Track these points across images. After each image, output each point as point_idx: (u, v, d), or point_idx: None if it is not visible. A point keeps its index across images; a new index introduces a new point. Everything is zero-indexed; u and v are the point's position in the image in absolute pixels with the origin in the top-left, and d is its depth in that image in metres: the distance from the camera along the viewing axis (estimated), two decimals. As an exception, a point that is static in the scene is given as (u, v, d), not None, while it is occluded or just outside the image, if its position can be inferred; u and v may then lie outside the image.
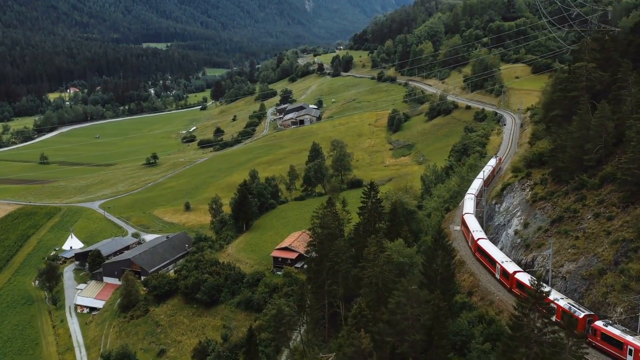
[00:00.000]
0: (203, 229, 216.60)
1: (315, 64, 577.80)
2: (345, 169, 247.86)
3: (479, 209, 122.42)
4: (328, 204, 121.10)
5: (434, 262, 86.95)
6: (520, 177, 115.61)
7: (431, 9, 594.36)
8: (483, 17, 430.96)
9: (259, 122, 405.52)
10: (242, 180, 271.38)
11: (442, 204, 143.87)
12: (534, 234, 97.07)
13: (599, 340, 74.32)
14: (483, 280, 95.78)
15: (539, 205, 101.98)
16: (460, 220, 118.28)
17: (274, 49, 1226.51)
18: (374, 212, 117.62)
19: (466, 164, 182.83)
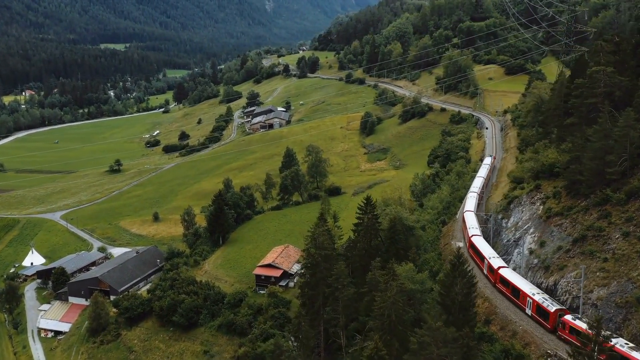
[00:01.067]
0: (175, 242, 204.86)
1: (281, 65, 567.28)
2: (322, 175, 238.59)
3: (480, 211, 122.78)
4: (320, 220, 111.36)
5: (452, 290, 78.08)
6: (528, 189, 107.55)
7: (396, 9, 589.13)
8: (452, 17, 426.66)
9: (226, 125, 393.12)
10: (213, 188, 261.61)
11: (436, 215, 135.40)
12: (553, 254, 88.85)
13: (567, 334, 76.50)
14: (501, 307, 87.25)
15: (555, 222, 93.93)
16: (461, 217, 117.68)
17: (235, 49, 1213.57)
18: (370, 229, 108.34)
19: (453, 171, 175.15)
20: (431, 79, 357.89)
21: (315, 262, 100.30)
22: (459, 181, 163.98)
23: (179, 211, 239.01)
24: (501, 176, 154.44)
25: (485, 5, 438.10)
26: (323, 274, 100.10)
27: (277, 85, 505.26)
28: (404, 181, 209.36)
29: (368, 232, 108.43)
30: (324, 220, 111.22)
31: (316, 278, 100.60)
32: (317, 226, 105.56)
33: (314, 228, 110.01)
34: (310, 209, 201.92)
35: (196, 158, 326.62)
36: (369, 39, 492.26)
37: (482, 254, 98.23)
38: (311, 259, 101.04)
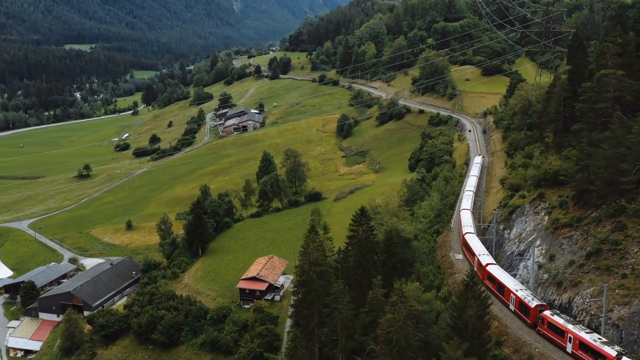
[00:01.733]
0: (150, 252, 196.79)
1: (252, 66, 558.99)
2: (300, 179, 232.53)
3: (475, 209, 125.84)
4: (311, 233, 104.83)
5: (465, 312, 72.40)
6: (530, 198, 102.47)
7: (368, 9, 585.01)
8: (425, 18, 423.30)
9: (198, 128, 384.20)
10: (187, 193, 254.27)
11: (429, 224, 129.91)
12: (565, 269, 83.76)
13: (545, 329, 77.63)
14: (513, 327, 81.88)
15: (564, 234, 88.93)
16: (457, 215, 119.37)
17: (203, 50, 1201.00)
18: (365, 242, 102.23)
19: (441, 176, 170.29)
20: (407, 80, 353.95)
21: (309, 279, 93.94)
22: (447, 187, 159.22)
23: (153, 218, 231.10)
24: (491, 181, 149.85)
25: (458, 5, 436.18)
26: (318, 292, 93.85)
27: (249, 87, 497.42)
28: (385, 186, 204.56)
29: (363, 245, 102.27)
30: (315, 233, 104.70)
31: (311, 296, 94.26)
32: (309, 239, 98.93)
33: (305, 241, 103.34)
34: (291, 216, 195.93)
35: (169, 162, 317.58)
36: (342, 39, 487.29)
37: (473, 251, 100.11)
38: (305, 276, 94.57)
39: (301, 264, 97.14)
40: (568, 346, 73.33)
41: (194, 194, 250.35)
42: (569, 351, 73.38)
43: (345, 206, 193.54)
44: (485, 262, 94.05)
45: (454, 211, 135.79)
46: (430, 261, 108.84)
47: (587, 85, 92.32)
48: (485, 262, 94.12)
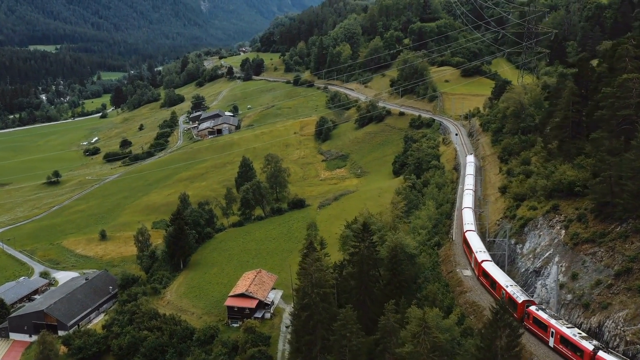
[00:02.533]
0: (127, 264, 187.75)
1: (224, 67, 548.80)
2: (282, 185, 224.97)
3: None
4: (309, 250, 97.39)
5: (494, 344, 65.72)
6: (543, 210, 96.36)
7: (340, 9, 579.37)
8: (401, 18, 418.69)
9: (171, 131, 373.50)
10: (163, 200, 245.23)
11: (427, 236, 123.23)
12: (591, 289, 77.65)
13: (531, 323, 79.34)
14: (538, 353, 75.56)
15: (585, 250, 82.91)
16: (459, 213, 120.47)
17: (171, 51, 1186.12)
18: (368, 260, 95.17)
19: (432, 183, 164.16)
20: (384, 81, 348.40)
21: (312, 303, 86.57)
22: (440, 194, 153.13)
23: (128, 228, 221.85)
24: (487, 188, 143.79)
25: (433, 6, 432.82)
26: (321, 316, 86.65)
27: (222, 89, 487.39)
28: (370, 192, 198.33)
29: (365, 262, 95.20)
30: (313, 249, 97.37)
31: (314, 321, 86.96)
32: (310, 259, 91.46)
33: (303, 259, 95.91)
34: (275, 225, 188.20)
35: (142, 167, 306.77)
36: (315, 40, 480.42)
37: (471, 247, 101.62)
38: (307, 299, 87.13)
39: (302, 286, 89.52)
40: (550, 340, 75.19)
41: (171, 201, 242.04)
42: (551, 345, 75.06)
43: (331, 214, 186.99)
44: (481, 259, 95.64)
45: (452, 221, 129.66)
46: (436, 278, 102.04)
47: (607, 90, 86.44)
48: (480, 259, 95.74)
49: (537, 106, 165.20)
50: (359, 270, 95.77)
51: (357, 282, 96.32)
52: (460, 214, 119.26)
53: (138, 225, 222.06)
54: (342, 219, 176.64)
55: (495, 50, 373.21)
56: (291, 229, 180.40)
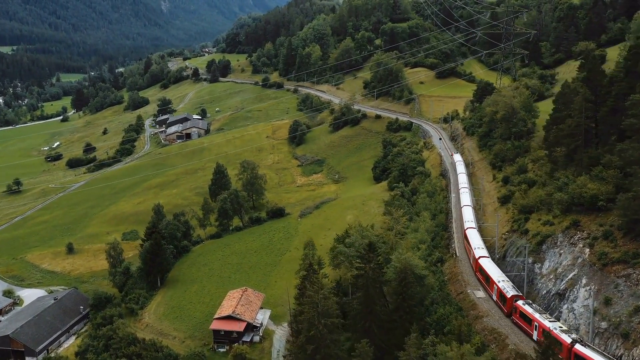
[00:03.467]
0: (97, 280, 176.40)
1: (190, 69, 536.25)
2: (258, 193, 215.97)
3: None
4: (308, 272, 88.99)
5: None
6: (562, 226, 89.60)
7: (307, 10, 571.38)
8: (370, 18, 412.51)
9: (138, 136, 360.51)
10: (132, 209, 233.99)
11: (428, 250, 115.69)
12: (630, 317, 70.90)
13: (518, 317, 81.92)
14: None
15: (617, 271, 76.30)
16: (459, 211, 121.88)
17: (132, 52, 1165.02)
18: (375, 283, 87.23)
19: (422, 191, 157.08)
20: (357, 83, 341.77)
21: (320, 335, 78.28)
22: (431, 203, 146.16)
23: (96, 239, 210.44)
24: (482, 197, 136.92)
25: (403, 6, 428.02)
26: (329, 350, 78.41)
27: (188, 91, 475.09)
28: (352, 200, 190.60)
29: (372, 285, 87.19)
30: (313, 272, 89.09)
31: (321, 354, 78.67)
32: (315, 285, 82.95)
33: (301, 282, 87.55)
34: (255, 236, 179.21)
35: (108, 174, 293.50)
36: (283, 40, 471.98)
37: (471, 244, 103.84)
38: (314, 331, 78.78)
39: (308, 317, 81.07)
40: (534, 334, 77.72)
41: (140, 210, 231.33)
42: (534, 338, 77.29)
43: (314, 223, 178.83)
44: (479, 255, 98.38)
45: (451, 233, 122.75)
46: (445, 299, 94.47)
47: (636, 97, 79.99)
48: (478, 255, 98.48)
49: (526, 110, 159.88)
50: (364, 294, 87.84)
51: (363, 307, 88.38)
52: (460, 212, 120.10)
53: (107, 237, 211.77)
54: (326, 229, 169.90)
55: (466, 51, 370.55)
56: (272, 240, 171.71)
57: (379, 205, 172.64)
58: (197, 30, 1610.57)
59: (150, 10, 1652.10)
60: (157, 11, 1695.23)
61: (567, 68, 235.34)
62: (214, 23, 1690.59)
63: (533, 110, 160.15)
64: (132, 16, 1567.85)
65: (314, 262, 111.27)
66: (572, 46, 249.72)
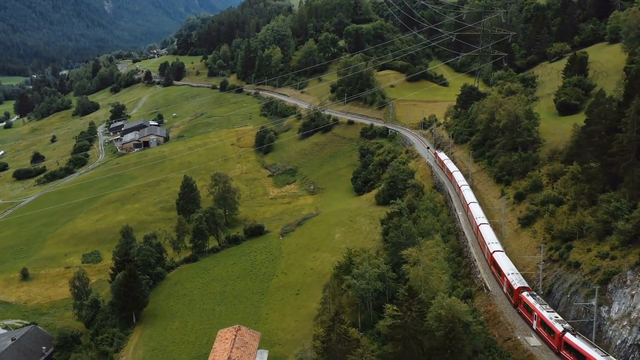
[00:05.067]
0: (58, 311, 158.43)
1: (141, 72, 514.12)
2: (232, 208, 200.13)
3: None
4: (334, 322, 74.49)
5: None
6: (632, 262, 77.33)
7: (261, 10, 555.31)
8: (332, 19, 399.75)
9: (90, 144, 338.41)
10: (92, 227, 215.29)
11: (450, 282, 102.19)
12: None
13: (522, 308, 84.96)
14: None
15: None
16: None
17: (75, 53, 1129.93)
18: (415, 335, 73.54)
19: (422, 207, 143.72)
20: (322, 86, 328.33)
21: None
22: (436, 222, 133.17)
23: (53, 263, 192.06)
24: (493, 216, 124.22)
25: (364, 7, 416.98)
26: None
27: (140, 95, 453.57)
28: (336, 215, 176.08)
29: (413, 338, 73.44)
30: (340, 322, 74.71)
31: None
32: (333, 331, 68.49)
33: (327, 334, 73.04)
34: (234, 258, 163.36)
35: (62, 187, 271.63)
36: (240, 42, 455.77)
37: (484, 239, 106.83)
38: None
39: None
40: (534, 323, 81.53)
41: (101, 228, 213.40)
42: (534, 328, 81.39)
43: (298, 243, 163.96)
44: (493, 250, 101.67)
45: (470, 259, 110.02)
46: (491, 348, 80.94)
47: None
48: (492, 250, 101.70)
49: (528, 117, 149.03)
50: (403, 348, 73.90)
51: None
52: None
53: (66, 260, 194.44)
54: (314, 250, 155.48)
55: (430, 52, 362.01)
56: (255, 264, 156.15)
57: (370, 222, 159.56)
58: (142, 31, 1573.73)
59: (93, 11, 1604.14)
60: (100, 11, 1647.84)
61: (543, 70, 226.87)
62: (159, 24, 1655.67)
63: (533, 118, 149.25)
64: (74, 17, 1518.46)
65: (336, 306, 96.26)
66: (545, 47, 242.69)
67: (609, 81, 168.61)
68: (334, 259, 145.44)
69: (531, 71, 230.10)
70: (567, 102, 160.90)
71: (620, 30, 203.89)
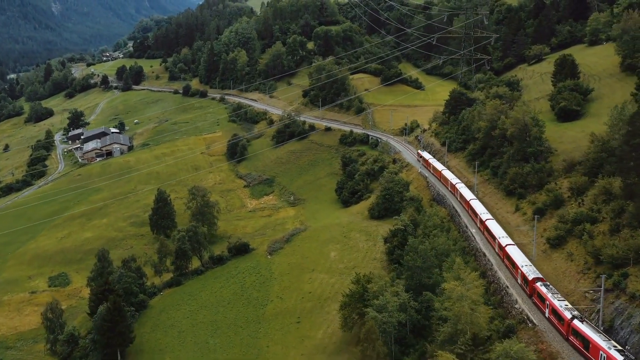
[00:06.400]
0: (26, 344, 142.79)
1: (97, 76, 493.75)
2: (211, 224, 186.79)
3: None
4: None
5: None
6: None
7: (221, 12, 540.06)
8: (298, 21, 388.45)
9: (48, 153, 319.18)
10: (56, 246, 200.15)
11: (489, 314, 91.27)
12: None
13: (536, 298, 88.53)
14: None
15: None
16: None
17: (23, 57, 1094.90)
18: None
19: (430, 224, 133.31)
20: (293, 91, 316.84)
21: None
22: (448, 240, 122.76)
23: (16, 287, 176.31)
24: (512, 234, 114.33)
25: (330, 8, 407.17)
26: None
27: (97, 100, 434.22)
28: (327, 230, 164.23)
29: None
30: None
31: None
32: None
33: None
34: (221, 281, 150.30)
35: (20, 201, 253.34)
36: (202, 45, 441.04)
37: (494, 234, 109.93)
38: None
39: None
40: (546, 312, 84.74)
41: (67, 246, 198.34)
42: (546, 316, 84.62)
43: (290, 262, 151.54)
44: (505, 244, 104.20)
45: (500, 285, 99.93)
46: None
47: None
48: (505, 244, 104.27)
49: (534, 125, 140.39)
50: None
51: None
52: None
53: (30, 283, 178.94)
54: (309, 270, 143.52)
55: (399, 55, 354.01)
56: (245, 287, 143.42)
57: (367, 239, 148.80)
58: (92, 33, 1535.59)
59: (40, 12, 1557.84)
60: (48, 13, 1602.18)
61: (524, 73, 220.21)
62: (109, 26, 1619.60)
63: (538, 125, 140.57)
64: (21, 18, 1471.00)
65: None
66: (522, 50, 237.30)
67: (603, 85, 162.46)
68: (333, 280, 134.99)
69: (514, 74, 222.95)
70: (567, 108, 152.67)
71: (600, 32, 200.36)
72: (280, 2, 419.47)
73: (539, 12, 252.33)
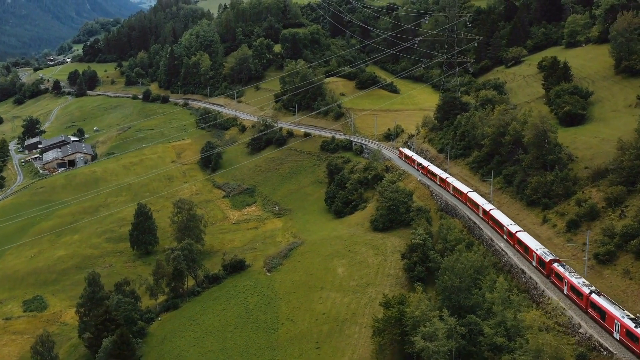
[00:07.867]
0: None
1: (47, 81, 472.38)
2: (198, 238, 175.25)
3: None
4: None
5: None
6: None
7: (174, 15, 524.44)
8: (262, 24, 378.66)
9: (3, 164, 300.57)
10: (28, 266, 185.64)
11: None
12: None
13: (554, 277, 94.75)
14: None
15: None
16: (487, 216, 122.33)
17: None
18: None
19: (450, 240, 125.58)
20: (261, 95, 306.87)
21: None
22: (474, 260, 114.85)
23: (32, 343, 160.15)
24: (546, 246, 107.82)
25: (293, 11, 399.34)
26: None
27: (50, 107, 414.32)
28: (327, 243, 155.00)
29: None
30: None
31: None
32: None
33: None
34: (222, 302, 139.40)
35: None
36: (158, 48, 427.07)
37: (501, 222, 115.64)
38: None
39: None
40: (564, 289, 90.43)
41: (39, 266, 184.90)
42: (565, 293, 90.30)
43: (293, 280, 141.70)
44: (515, 230, 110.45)
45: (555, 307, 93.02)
46: None
47: None
48: (514, 230, 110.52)
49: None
50: None
51: None
52: (471, 198, 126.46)
53: (2, 308, 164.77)
54: (317, 289, 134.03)
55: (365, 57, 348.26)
56: (249, 308, 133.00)
57: (376, 254, 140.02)
58: (31, 36, 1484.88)
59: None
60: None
61: (503, 76, 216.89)
62: (49, 29, 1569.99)
63: (551, 131, 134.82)
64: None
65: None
66: (498, 52, 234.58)
67: (599, 87, 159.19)
68: (347, 299, 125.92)
69: (495, 77, 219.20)
70: (572, 112, 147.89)
71: (579, 34, 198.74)
72: (241, 4, 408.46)
73: (511, 14, 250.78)
